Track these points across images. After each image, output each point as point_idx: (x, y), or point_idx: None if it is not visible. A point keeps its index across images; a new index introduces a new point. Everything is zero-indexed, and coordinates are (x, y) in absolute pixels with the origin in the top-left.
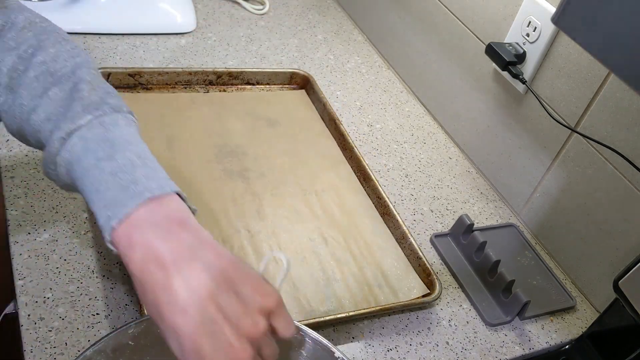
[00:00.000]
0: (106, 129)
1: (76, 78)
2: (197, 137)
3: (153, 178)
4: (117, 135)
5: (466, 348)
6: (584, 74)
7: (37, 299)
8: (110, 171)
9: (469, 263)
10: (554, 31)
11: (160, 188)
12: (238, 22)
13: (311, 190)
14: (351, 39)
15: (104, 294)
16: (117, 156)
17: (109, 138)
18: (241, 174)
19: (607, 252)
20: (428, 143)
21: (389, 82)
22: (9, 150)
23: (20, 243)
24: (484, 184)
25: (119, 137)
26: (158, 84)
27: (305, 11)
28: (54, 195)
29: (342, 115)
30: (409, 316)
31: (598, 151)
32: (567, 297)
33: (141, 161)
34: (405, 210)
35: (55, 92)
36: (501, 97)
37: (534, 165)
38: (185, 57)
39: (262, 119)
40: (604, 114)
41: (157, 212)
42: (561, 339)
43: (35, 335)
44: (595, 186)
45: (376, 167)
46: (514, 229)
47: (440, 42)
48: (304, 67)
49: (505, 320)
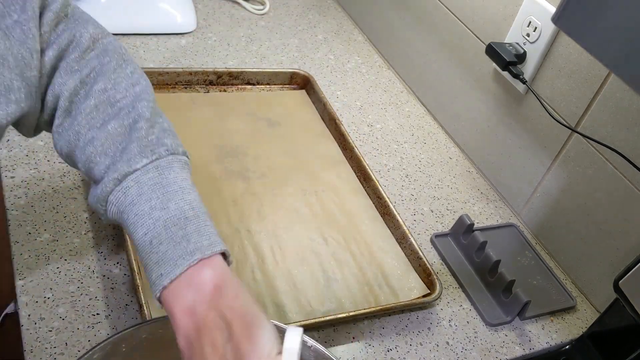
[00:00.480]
0: (160, 174)
1: (135, 113)
2: (197, 137)
3: (203, 233)
4: (171, 181)
5: (466, 348)
6: (584, 74)
7: (38, 299)
8: (164, 223)
9: (469, 263)
10: (554, 31)
11: (210, 247)
12: (238, 22)
13: (311, 191)
14: (351, 39)
15: (104, 294)
16: (170, 205)
17: (163, 184)
18: (241, 174)
19: (608, 252)
20: (428, 143)
21: (389, 82)
22: (9, 151)
23: (20, 243)
24: (484, 184)
25: (173, 183)
26: (158, 84)
27: (306, 11)
28: (55, 195)
29: (343, 115)
30: (409, 316)
31: (598, 151)
32: (567, 297)
33: (192, 212)
34: (405, 211)
35: (114, 127)
36: (501, 97)
37: (534, 165)
38: (185, 57)
39: (262, 119)
40: (604, 114)
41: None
42: (561, 339)
43: (36, 335)
44: (595, 186)
45: (376, 167)
46: (514, 229)
47: (440, 42)
48: (304, 67)
49: (506, 320)
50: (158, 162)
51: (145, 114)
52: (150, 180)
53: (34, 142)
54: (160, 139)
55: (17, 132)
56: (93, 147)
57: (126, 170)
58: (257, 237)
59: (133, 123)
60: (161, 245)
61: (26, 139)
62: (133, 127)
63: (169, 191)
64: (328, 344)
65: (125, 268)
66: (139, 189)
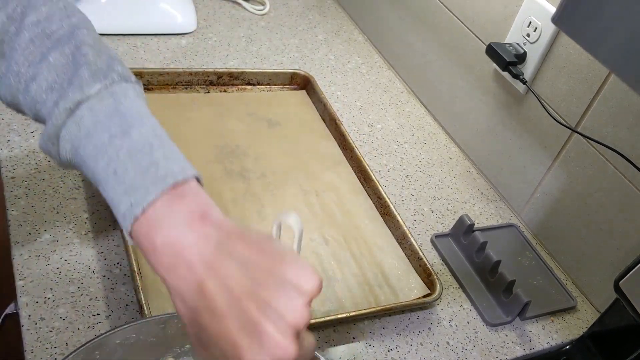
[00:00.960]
0: (117, 101)
1: (77, 40)
2: (197, 137)
3: (172, 159)
4: (129, 108)
5: (467, 348)
6: (584, 74)
7: (38, 299)
8: (127, 151)
9: (469, 263)
10: (554, 31)
11: (181, 172)
12: (238, 23)
13: (311, 191)
14: (351, 39)
15: (104, 294)
16: (133, 132)
17: (121, 111)
18: (241, 175)
19: (608, 252)
20: (428, 143)
21: (389, 83)
22: (10, 151)
23: (20, 243)
24: (485, 184)
25: (132, 109)
26: (159, 84)
27: (306, 11)
28: (55, 195)
29: (343, 115)
30: (410, 316)
31: (598, 151)
32: (567, 297)
33: (157, 139)
34: (405, 211)
35: (56, 57)
36: (501, 98)
37: (535, 166)
38: (185, 57)
39: (262, 120)
40: (604, 114)
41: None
42: (562, 339)
43: (36, 336)
44: (595, 186)
45: (376, 167)
46: (514, 229)
47: (440, 42)
48: (304, 68)
49: (506, 321)
50: (112, 88)
51: (87, 40)
52: (106, 107)
53: (34, 143)
54: (111, 65)
55: (18, 133)
56: (37, 84)
57: (78, 97)
58: None
59: (76, 49)
60: (127, 174)
61: (27, 139)
62: (77, 54)
63: (128, 118)
64: (328, 344)
65: (125, 268)
66: (94, 118)
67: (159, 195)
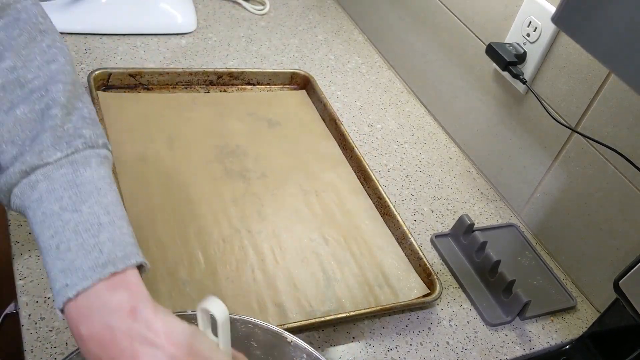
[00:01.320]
0: (75, 171)
1: (49, 97)
2: (197, 137)
3: (118, 243)
4: (87, 179)
5: (466, 348)
6: (584, 74)
7: (38, 298)
8: (74, 227)
9: (469, 263)
10: (554, 31)
11: (123, 260)
12: (238, 23)
13: (311, 191)
14: (351, 39)
15: None
16: (84, 208)
17: (77, 183)
18: (241, 174)
19: (608, 252)
20: (428, 143)
21: (389, 82)
22: None
23: (21, 243)
24: (485, 184)
25: (89, 181)
26: (159, 84)
27: (306, 11)
28: None
29: (343, 115)
30: (410, 316)
31: (598, 151)
32: (567, 297)
33: (108, 217)
34: (405, 211)
35: (23, 112)
36: (501, 97)
37: (535, 165)
38: (185, 57)
39: (262, 119)
40: (604, 114)
41: (111, 297)
42: (562, 339)
43: (36, 335)
44: (595, 186)
45: (376, 167)
46: (514, 229)
47: (440, 42)
48: (304, 68)
49: (506, 320)
50: (74, 156)
51: (59, 99)
52: (63, 176)
53: None
54: (78, 129)
55: None
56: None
57: (36, 162)
58: (257, 237)
59: (46, 109)
60: (69, 252)
61: None
62: (46, 114)
63: (83, 191)
64: (328, 344)
65: None
66: (49, 185)
67: (96, 281)
